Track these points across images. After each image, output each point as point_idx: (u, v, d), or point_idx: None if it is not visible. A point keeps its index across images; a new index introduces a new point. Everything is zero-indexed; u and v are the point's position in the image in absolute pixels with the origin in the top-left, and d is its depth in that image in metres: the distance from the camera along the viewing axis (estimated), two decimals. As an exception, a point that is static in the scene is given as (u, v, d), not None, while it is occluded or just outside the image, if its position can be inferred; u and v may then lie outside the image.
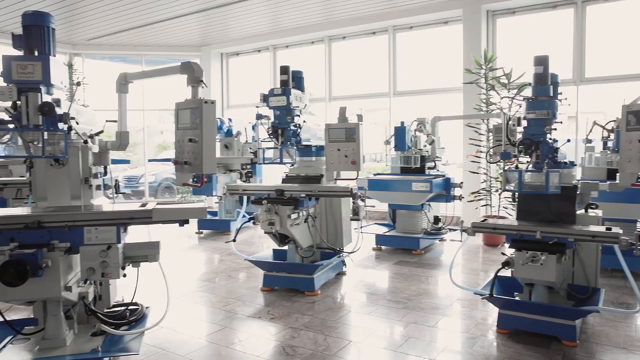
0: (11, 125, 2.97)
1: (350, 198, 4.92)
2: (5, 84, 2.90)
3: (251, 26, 10.48)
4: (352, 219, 5.22)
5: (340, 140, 4.91)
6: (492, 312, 4.27)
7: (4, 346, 3.20)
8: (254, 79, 12.18)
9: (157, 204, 3.17)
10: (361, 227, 5.53)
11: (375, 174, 7.46)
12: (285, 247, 5.33)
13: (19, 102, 2.94)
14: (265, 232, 4.97)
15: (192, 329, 4.19)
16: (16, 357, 3.08)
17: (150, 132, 13.63)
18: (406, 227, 7.09)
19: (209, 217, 8.65)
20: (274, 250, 5.70)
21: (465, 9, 8.60)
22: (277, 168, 5.87)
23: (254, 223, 5.34)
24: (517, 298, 4.08)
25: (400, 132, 6.75)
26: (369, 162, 9.50)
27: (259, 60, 11.97)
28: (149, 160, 11.93)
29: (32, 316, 3.44)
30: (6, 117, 2.99)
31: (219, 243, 7.81)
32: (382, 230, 7.40)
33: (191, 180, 3.24)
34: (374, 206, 6.91)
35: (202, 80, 3.20)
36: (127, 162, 7.92)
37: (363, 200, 4.96)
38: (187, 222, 3.07)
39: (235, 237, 5.37)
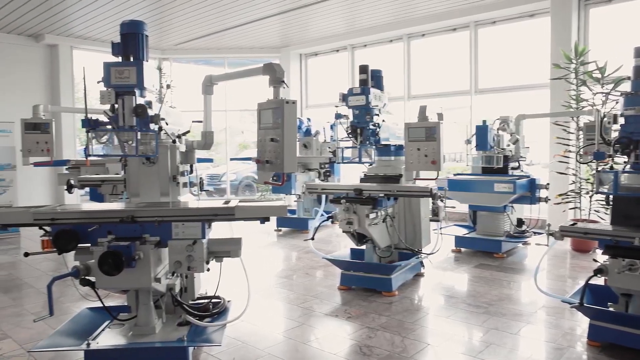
0: (108, 127, 3.20)
1: (430, 198, 4.83)
2: (105, 89, 3.12)
3: (329, 26, 10.56)
4: (431, 220, 5.12)
5: (420, 139, 4.83)
6: (581, 323, 4.02)
7: (102, 329, 3.45)
8: (332, 78, 12.27)
9: (240, 201, 3.28)
10: (440, 228, 5.40)
11: (455, 174, 7.27)
12: (363, 247, 5.32)
13: (116, 105, 3.16)
14: (343, 231, 4.98)
15: (271, 324, 4.29)
16: (112, 340, 3.31)
17: (232, 132, 14.11)
18: (487, 229, 6.84)
19: (288, 215, 8.82)
20: (352, 250, 5.71)
21: (554, 0, 8.14)
22: (355, 167, 5.88)
23: (332, 222, 5.37)
24: (611, 309, 3.81)
25: (482, 131, 6.52)
26: (448, 161, 9.27)
27: (337, 60, 12.04)
28: (231, 159, 12.39)
29: (126, 304, 3.68)
30: (104, 119, 3.23)
31: (297, 241, 7.95)
32: (462, 231, 7.19)
33: (272, 178, 3.32)
34: (454, 207, 6.72)
35: (283, 81, 3.27)
36: (210, 160, 8.26)
37: (443, 201, 4.84)
38: (267, 219, 3.15)
39: (313, 235, 5.43)
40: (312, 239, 5.42)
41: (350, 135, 5.09)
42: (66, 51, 11.05)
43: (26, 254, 3.22)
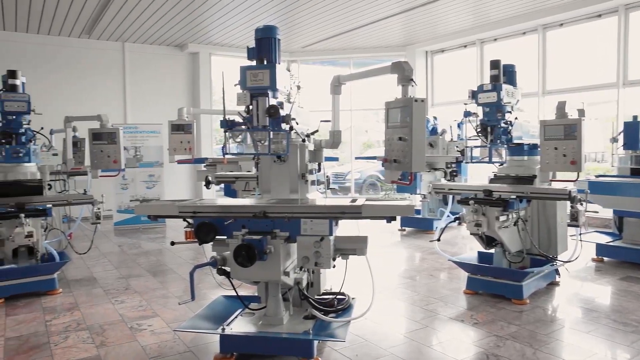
0: (243, 127, 3.40)
1: (568, 202, 4.45)
2: (241, 91, 3.33)
3: (456, 22, 10.21)
4: (569, 225, 4.72)
5: (558, 138, 4.47)
6: None
7: (235, 317, 3.69)
8: (458, 75, 11.86)
9: (366, 200, 3.30)
10: (580, 234, 4.95)
11: (597, 176, 6.63)
12: (492, 250, 5.07)
13: (251, 106, 3.35)
14: (470, 234, 4.79)
15: (393, 324, 4.26)
16: (244, 327, 3.52)
17: (356, 131, 14.27)
18: (636, 238, 6.13)
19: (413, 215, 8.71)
20: (479, 253, 5.47)
21: None
22: (484, 167, 5.61)
23: (458, 223, 5.19)
24: None
25: (631, 128, 5.89)
26: (589, 162, 8.48)
27: (464, 55, 11.60)
28: (356, 158, 12.54)
29: (256, 294, 3.89)
30: (238, 120, 3.44)
31: (421, 241, 7.81)
32: (605, 239, 6.52)
33: (399, 177, 3.30)
34: (596, 212, 6.14)
35: (412, 79, 3.23)
36: (336, 159, 8.43)
37: (583, 205, 4.44)
38: (394, 219, 3.13)
39: (439, 236, 5.30)
40: (438, 240, 5.28)
41: (479, 134, 4.87)
42: (205, 58, 11.99)
43: (172, 243, 3.56)
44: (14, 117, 5.30)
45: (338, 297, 3.83)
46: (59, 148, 8.09)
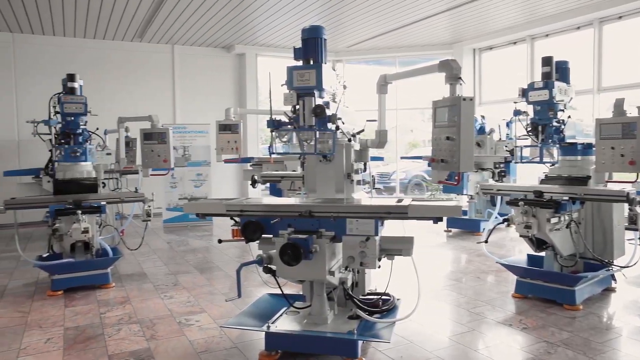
0: (289, 127, 3.43)
1: (626, 204, 4.26)
2: (288, 91, 3.36)
3: (506, 18, 9.93)
4: (626, 229, 4.51)
5: (616, 137, 4.28)
6: None
7: (280, 315, 3.73)
8: (507, 73, 11.54)
9: (412, 200, 3.26)
10: (639, 238, 4.73)
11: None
12: (542, 254, 4.91)
13: (297, 106, 3.38)
14: (520, 236, 4.65)
15: (439, 326, 4.20)
16: (289, 325, 3.55)
17: (402, 131, 14.14)
18: (701, 243, 5.79)
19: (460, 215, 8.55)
20: (529, 256, 5.31)
21: None
22: (534, 168, 5.44)
23: (507, 225, 5.06)
24: None
25: (696, 126, 5.53)
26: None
27: (513, 53, 11.28)
28: (401, 158, 12.42)
29: (301, 293, 3.92)
30: (284, 120, 3.47)
31: (467, 242, 7.66)
32: (666, 244, 6.19)
33: (446, 178, 3.24)
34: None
35: (460, 77, 3.17)
36: (381, 159, 8.38)
37: (642, 207, 4.24)
38: (440, 219, 3.08)
39: (487, 238, 5.17)
40: (486, 241, 5.16)
41: (530, 133, 4.73)
42: (252, 58, 12.17)
43: (220, 241, 3.64)
44: (72, 118, 5.55)
45: (383, 297, 3.81)
46: (112, 147, 8.41)
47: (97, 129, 6.14)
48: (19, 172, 8.33)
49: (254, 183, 5.71)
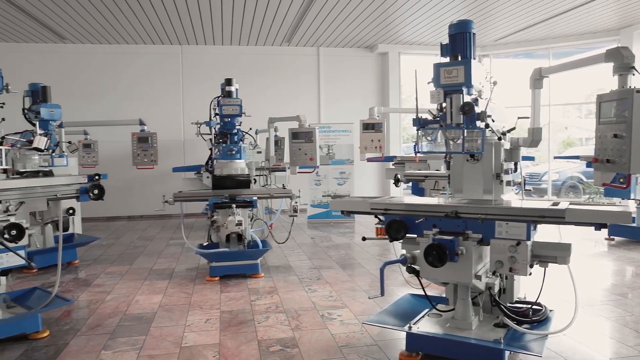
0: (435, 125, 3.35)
1: None
2: (434, 89, 3.29)
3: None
4: None
5: None
6: None
7: (422, 316, 3.67)
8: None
9: (570, 203, 3.00)
10: None
11: None
12: None
13: (444, 104, 3.29)
14: None
15: (598, 344, 3.78)
16: (431, 328, 3.48)
17: (555, 128, 13.06)
18: None
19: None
20: None
21: None
22: None
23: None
24: None
25: None
26: None
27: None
28: (555, 158, 11.48)
29: (444, 295, 3.82)
30: (429, 118, 3.41)
31: (634, 253, 6.82)
32: None
33: (612, 180, 2.92)
34: None
35: (633, 67, 2.83)
36: (532, 159, 7.83)
37: None
38: (604, 226, 2.78)
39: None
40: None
41: None
42: (394, 57, 12.15)
43: (364, 239, 3.69)
44: (229, 119, 6.05)
45: (533, 307, 3.55)
46: (262, 146, 9.00)
47: (250, 129, 6.62)
48: (184, 169, 9.33)
49: (396, 182, 5.69)
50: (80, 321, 4.46)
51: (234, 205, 5.61)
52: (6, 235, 3.59)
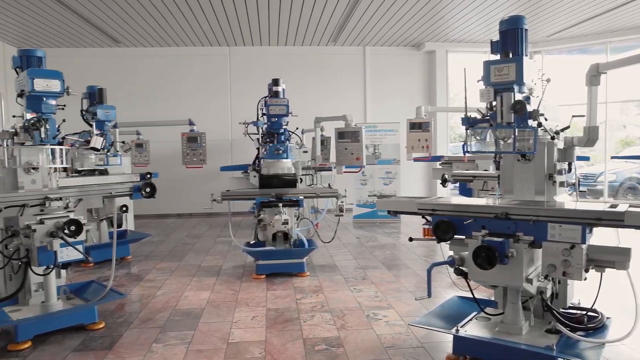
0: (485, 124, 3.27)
1: None
2: (484, 87, 3.21)
3: None
4: None
5: None
6: None
7: (470, 319, 3.59)
8: None
9: (630, 206, 2.86)
10: None
11: None
12: None
13: (494, 103, 3.21)
14: None
15: (661, 354, 3.60)
16: (479, 331, 3.39)
17: (612, 127, 12.49)
18: None
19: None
20: None
21: None
22: None
23: None
24: None
25: None
26: None
27: None
28: (612, 158, 11.00)
29: (492, 298, 3.72)
30: (477, 117, 3.33)
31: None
32: None
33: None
34: None
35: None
36: (587, 159, 7.52)
37: None
38: (669, 230, 2.64)
39: None
40: None
41: None
42: (442, 55, 11.96)
43: (410, 239, 3.65)
44: (276, 119, 6.12)
45: (589, 313, 3.41)
46: (308, 146, 9.05)
47: (297, 128, 6.67)
48: (231, 168, 9.52)
49: (444, 182, 5.59)
50: (132, 314, 4.63)
51: (280, 204, 5.67)
52: (66, 231, 3.76)
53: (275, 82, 6.22)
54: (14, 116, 4.22)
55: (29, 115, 4.12)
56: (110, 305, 4.83)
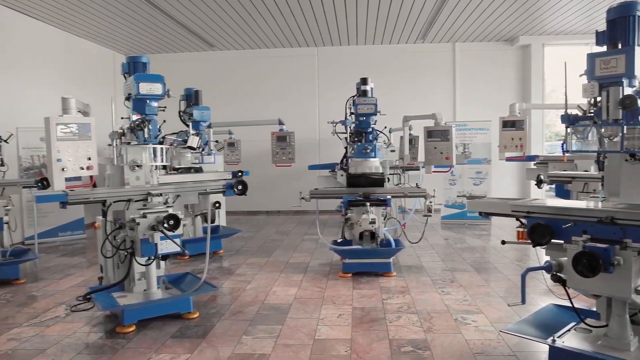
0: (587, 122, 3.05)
1: None
2: (587, 82, 3.00)
3: None
4: None
5: None
6: None
7: (568, 329, 3.37)
8: None
9: None
10: None
11: None
12: None
13: (598, 98, 2.99)
14: None
15: None
16: (579, 344, 3.17)
17: None
18: None
19: None
20: None
21: None
22: None
23: None
24: None
25: None
26: None
27: None
28: None
29: (593, 309, 3.47)
30: (578, 114, 3.11)
31: None
32: None
33: None
34: None
35: None
36: None
37: None
38: None
39: None
40: None
41: None
42: (538, 49, 11.32)
43: (503, 242, 3.49)
44: (364, 118, 6.12)
45: None
46: (396, 145, 8.96)
47: (385, 127, 6.62)
48: (319, 166, 9.65)
49: (539, 183, 5.29)
50: (224, 306, 4.84)
51: (367, 204, 5.66)
52: (165, 225, 4.01)
53: (364, 81, 6.22)
54: (122, 118, 4.57)
55: (134, 117, 4.45)
56: (203, 297, 5.09)
